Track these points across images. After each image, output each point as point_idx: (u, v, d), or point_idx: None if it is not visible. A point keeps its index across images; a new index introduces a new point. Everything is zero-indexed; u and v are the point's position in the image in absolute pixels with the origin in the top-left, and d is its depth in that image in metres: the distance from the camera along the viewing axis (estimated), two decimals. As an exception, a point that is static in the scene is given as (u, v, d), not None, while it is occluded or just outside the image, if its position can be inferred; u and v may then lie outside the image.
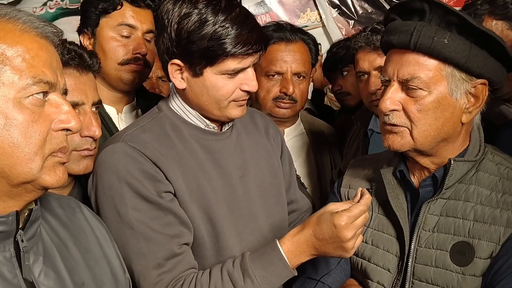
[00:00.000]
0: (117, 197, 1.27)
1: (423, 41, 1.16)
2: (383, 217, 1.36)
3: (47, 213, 1.04)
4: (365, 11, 3.48)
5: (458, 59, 1.16)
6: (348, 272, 1.44)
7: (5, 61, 0.84)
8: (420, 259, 1.26)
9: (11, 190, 0.87)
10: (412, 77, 1.18)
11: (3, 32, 0.85)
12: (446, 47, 1.15)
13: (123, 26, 1.79)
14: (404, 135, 1.23)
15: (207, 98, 1.34)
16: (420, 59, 1.19)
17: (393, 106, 1.22)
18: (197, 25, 1.26)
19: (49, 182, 0.89)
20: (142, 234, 1.26)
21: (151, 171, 1.29)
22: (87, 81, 1.37)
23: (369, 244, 1.37)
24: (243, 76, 1.33)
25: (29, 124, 0.85)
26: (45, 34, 0.90)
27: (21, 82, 0.85)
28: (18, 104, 0.85)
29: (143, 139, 1.33)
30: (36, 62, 0.87)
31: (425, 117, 1.20)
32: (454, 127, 1.23)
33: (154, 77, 2.61)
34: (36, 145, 0.86)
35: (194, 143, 1.39)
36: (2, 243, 0.88)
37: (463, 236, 1.20)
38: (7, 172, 0.85)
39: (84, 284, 1.01)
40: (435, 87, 1.18)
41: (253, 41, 1.29)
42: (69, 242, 1.05)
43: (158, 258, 1.26)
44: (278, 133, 1.67)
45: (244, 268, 1.26)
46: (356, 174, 1.50)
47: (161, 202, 1.29)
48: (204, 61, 1.29)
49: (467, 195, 1.24)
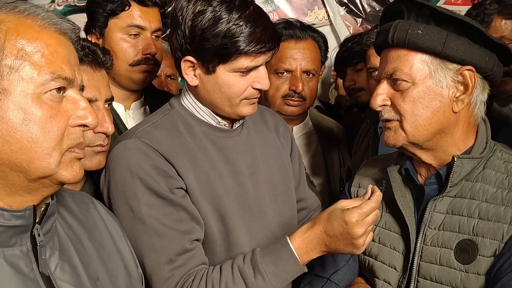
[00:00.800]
0: (129, 193, 1.28)
1: (399, 35, 1.22)
2: (390, 215, 1.37)
3: (61, 207, 1.05)
4: (373, 9, 3.46)
5: (434, 47, 1.20)
6: (356, 270, 1.45)
7: (24, 56, 0.85)
8: (425, 257, 1.26)
9: (28, 185, 0.88)
10: (394, 71, 1.24)
11: (23, 28, 0.86)
12: (421, 37, 1.20)
13: (132, 27, 1.79)
14: (397, 129, 1.27)
15: (219, 95, 1.35)
16: (400, 53, 1.24)
17: (382, 102, 1.27)
18: (211, 23, 1.27)
19: (66, 177, 0.90)
20: (154, 229, 1.27)
21: (164, 167, 1.30)
22: (100, 78, 1.38)
23: (376, 242, 1.37)
24: (255, 74, 1.34)
25: (47, 119, 0.86)
26: (63, 30, 0.91)
27: (40, 77, 0.85)
28: (37, 99, 0.85)
29: (155, 135, 1.34)
30: (55, 58, 0.87)
31: (412, 108, 1.23)
32: (446, 116, 1.24)
33: (163, 75, 2.61)
34: (54, 141, 0.87)
35: (205, 140, 1.40)
36: (19, 237, 0.89)
37: (468, 234, 1.21)
38: (25, 167, 0.86)
39: (99, 278, 1.02)
40: (418, 77, 1.22)
41: (266, 40, 1.30)
42: (83, 237, 1.06)
43: (170, 253, 1.27)
44: (288, 131, 1.68)
45: (255, 264, 1.27)
46: (366, 173, 1.51)
47: (173, 198, 1.30)
48: (217, 59, 1.29)
49: (473, 193, 1.23)
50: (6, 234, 0.86)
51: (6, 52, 0.83)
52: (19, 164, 0.85)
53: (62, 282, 0.93)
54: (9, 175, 0.86)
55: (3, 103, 0.83)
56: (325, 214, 1.26)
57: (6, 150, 0.84)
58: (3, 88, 0.83)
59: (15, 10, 0.87)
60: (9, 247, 0.87)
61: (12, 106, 0.83)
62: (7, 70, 0.83)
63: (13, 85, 0.84)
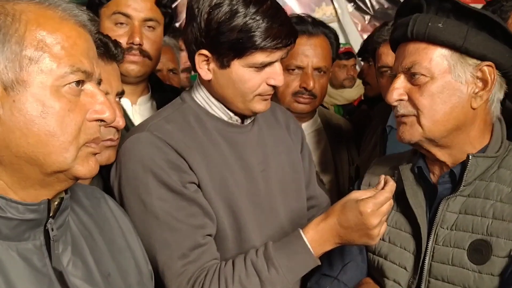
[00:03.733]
0: (142, 187, 1.27)
1: (419, 28, 1.20)
2: (401, 214, 1.35)
3: (73, 202, 1.04)
4: (381, 7, 3.46)
5: (455, 41, 1.18)
6: (364, 270, 1.43)
7: (44, 48, 0.83)
8: (437, 257, 1.24)
9: (43, 179, 0.87)
10: (413, 64, 1.21)
11: (43, 19, 0.84)
12: (441, 30, 1.18)
13: (118, 15, 1.75)
14: (413, 124, 1.24)
15: (233, 90, 1.33)
16: (419, 47, 1.22)
17: (399, 96, 1.24)
18: (227, 16, 1.25)
19: (81, 172, 0.89)
20: (167, 224, 1.26)
21: (176, 161, 1.29)
22: (111, 71, 1.36)
23: (386, 242, 1.35)
24: (270, 71, 1.32)
25: (65, 113, 0.85)
26: (83, 23, 0.90)
27: (59, 70, 0.84)
28: (56, 92, 0.84)
29: (167, 129, 1.33)
30: (75, 50, 0.86)
31: (431, 103, 1.21)
32: (464, 112, 1.22)
33: (164, 70, 2.57)
34: (72, 135, 0.86)
35: (217, 135, 1.39)
36: (33, 232, 0.88)
37: (481, 234, 1.19)
38: (41, 160, 0.84)
39: (110, 275, 1.01)
40: (437, 72, 1.20)
41: (283, 35, 1.28)
42: (95, 232, 1.05)
43: (183, 248, 1.26)
44: (298, 128, 1.67)
45: (268, 257, 1.26)
46: (376, 172, 1.48)
47: (186, 192, 1.29)
48: (232, 53, 1.28)
49: (487, 192, 1.22)
50: (19, 227, 0.85)
51: (26, 43, 0.82)
52: (35, 158, 0.84)
53: (74, 278, 0.92)
54: (24, 168, 0.85)
55: (22, 95, 0.82)
56: (338, 206, 1.25)
57: (22, 143, 0.83)
58: (22, 80, 0.82)
59: (36, 0, 0.85)
60: (23, 241, 0.86)
61: (30, 98, 0.82)
62: (27, 61, 0.82)
63: (32, 77, 0.82)
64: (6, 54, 0.81)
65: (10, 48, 0.81)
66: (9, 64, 0.81)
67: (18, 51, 0.81)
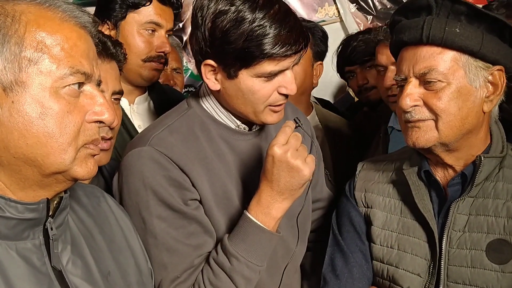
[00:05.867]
0: (142, 204, 1.25)
1: (435, 32, 1.16)
2: (408, 220, 1.33)
3: (73, 201, 1.04)
4: (384, 7, 3.44)
5: (473, 47, 1.16)
6: (370, 281, 1.41)
7: (44, 49, 0.83)
8: (453, 261, 1.23)
9: (41, 180, 0.87)
10: (429, 70, 1.18)
11: (43, 20, 0.84)
12: (459, 35, 1.16)
13: (150, 24, 1.80)
14: (429, 129, 1.22)
15: (243, 101, 1.28)
16: (434, 51, 1.18)
17: (414, 102, 1.21)
18: (232, 24, 1.18)
19: (80, 173, 0.89)
20: (165, 244, 1.25)
21: (178, 178, 1.26)
22: (108, 69, 1.36)
23: (395, 249, 1.33)
24: (282, 79, 1.26)
25: (64, 114, 0.85)
26: (84, 24, 0.90)
27: (58, 71, 0.84)
28: (55, 93, 0.84)
29: (170, 142, 1.29)
30: (74, 52, 0.86)
31: (449, 108, 1.19)
32: (477, 117, 1.22)
33: (168, 69, 2.58)
34: (70, 136, 0.86)
35: (222, 143, 1.35)
36: (32, 231, 0.88)
37: (498, 233, 1.19)
38: (39, 162, 0.84)
39: (110, 273, 1.01)
40: (453, 77, 1.18)
41: (292, 41, 1.20)
42: (95, 231, 1.05)
43: (178, 271, 1.26)
44: (308, 126, 1.60)
45: (226, 249, 1.25)
46: (370, 176, 1.46)
47: (186, 210, 1.27)
48: (239, 63, 1.22)
49: (497, 192, 1.22)
50: (19, 227, 0.86)
51: (26, 44, 0.82)
52: (33, 159, 0.84)
53: (74, 277, 0.92)
54: (23, 170, 0.85)
55: (21, 96, 0.82)
56: (262, 171, 1.27)
57: (21, 144, 0.83)
58: (21, 81, 0.82)
59: (36, 1, 0.85)
60: (22, 240, 0.86)
61: (29, 100, 0.82)
62: (26, 62, 0.82)
63: (31, 78, 0.82)
64: (5, 55, 0.81)
65: (10, 49, 0.81)
66: (8, 65, 0.81)
67: (18, 52, 0.81)
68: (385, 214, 1.37)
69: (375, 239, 1.37)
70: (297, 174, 1.22)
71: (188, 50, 3.58)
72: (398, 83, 1.27)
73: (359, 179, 1.48)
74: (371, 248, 1.38)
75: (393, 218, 1.35)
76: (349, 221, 1.43)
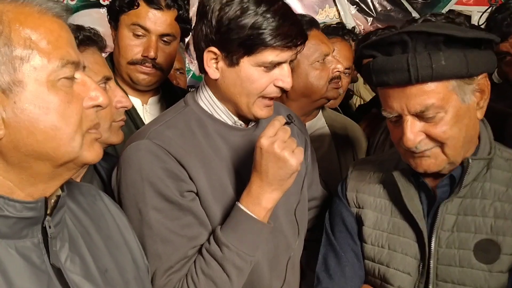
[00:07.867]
0: (139, 196, 1.29)
1: (423, 72, 1.14)
2: (398, 220, 1.36)
3: (69, 200, 1.06)
4: (384, 9, 3.46)
5: (461, 72, 1.16)
6: (362, 279, 1.44)
7: (32, 45, 0.83)
8: (442, 260, 1.26)
9: (53, 171, 0.89)
10: (426, 108, 1.17)
11: (23, 16, 0.84)
12: (446, 67, 1.14)
13: (136, 27, 1.80)
14: (438, 155, 1.24)
15: (239, 90, 1.33)
16: (426, 89, 1.17)
17: (419, 138, 1.21)
18: (238, 14, 1.26)
19: (89, 158, 0.92)
20: (160, 235, 1.28)
21: (175, 169, 1.30)
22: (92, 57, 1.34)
23: (385, 249, 1.36)
24: (279, 72, 1.33)
25: (65, 105, 0.87)
26: (60, 14, 0.90)
27: (50, 65, 0.85)
28: (52, 87, 0.86)
29: (167, 135, 1.33)
30: (60, 43, 0.87)
31: (452, 134, 1.21)
32: (475, 127, 1.26)
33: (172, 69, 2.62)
34: (75, 125, 0.88)
35: (218, 139, 1.39)
36: (31, 229, 0.90)
37: (485, 233, 1.21)
38: (51, 155, 0.87)
39: (108, 271, 1.03)
40: (448, 104, 1.18)
41: (293, 34, 1.28)
42: (91, 229, 1.07)
43: (171, 261, 1.29)
44: (302, 127, 1.66)
45: (217, 238, 1.28)
46: (362, 177, 1.48)
47: (182, 202, 1.30)
48: (242, 50, 1.28)
49: (484, 193, 1.24)
50: (17, 225, 0.87)
51: (14, 43, 0.82)
52: (45, 153, 0.86)
53: (72, 274, 0.94)
54: (34, 165, 0.87)
55: (21, 95, 0.83)
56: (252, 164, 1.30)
57: (31, 141, 0.85)
58: (19, 80, 0.83)
59: None
60: (21, 238, 0.88)
61: (30, 97, 0.83)
62: (19, 61, 0.83)
63: (27, 76, 0.83)
64: None
65: (0, 51, 0.81)
66: (2, 66, 0.82)
67: (9, 53, 0.82)
68: (376, 214, 1.39)
69: (366, 238, 1.39)
70: (284, 165, 1.25)
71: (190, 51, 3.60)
72: (390, 119, 1.26)
73: (351, 180, 1.50)
74: (363, 248, 1.40)
75: (383, 218, 1.37)
76: (341, 221, 1.46)
